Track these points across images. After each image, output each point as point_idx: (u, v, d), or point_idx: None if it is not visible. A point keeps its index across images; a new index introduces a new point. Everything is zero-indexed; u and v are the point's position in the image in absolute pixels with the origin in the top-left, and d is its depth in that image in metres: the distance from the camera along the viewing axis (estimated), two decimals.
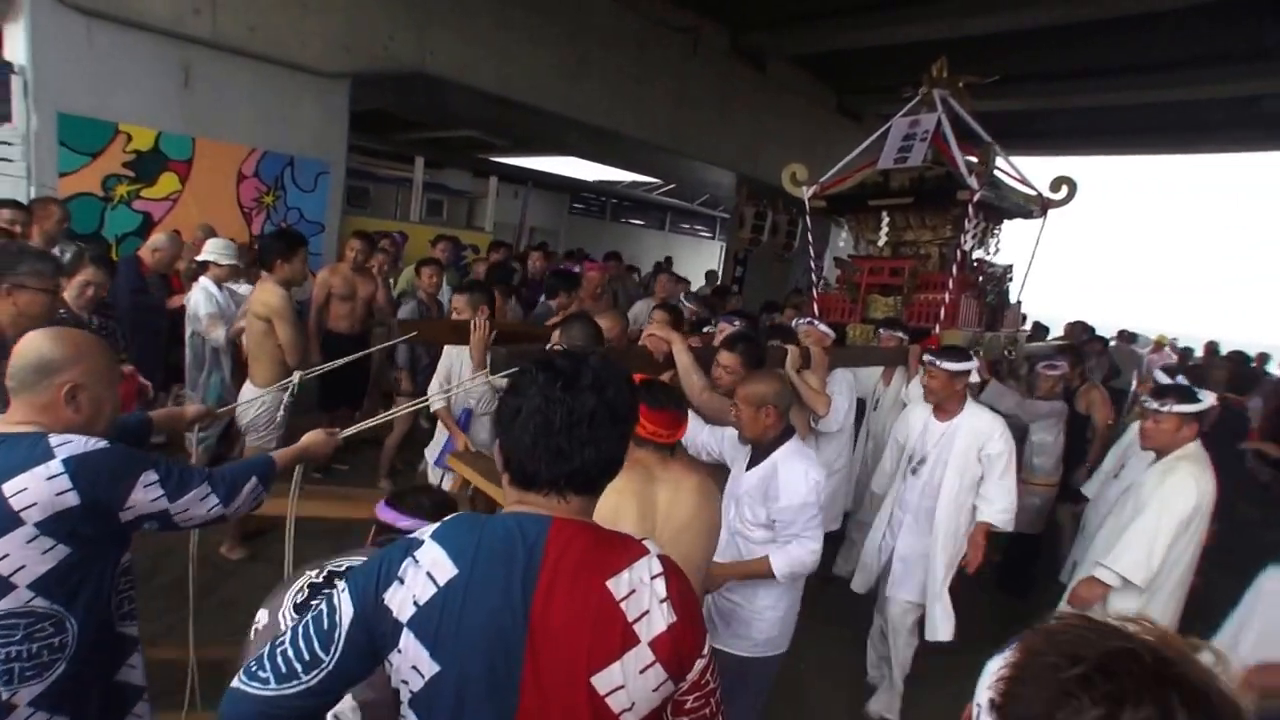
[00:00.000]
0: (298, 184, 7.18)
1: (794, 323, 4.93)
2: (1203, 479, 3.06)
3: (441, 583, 1.20)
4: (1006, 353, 5.68)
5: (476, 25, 8.05)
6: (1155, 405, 3.20)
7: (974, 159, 5.29)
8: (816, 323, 4.67)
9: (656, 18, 10.01)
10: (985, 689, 0.80)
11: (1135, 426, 4.35)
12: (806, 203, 5.84)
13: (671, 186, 18.82)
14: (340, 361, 3.37)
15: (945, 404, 3.56)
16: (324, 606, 1.24)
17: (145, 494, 1.75)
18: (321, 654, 1.19)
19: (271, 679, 1.18)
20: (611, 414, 1.27)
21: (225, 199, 6.71)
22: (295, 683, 1.17)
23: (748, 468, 2.83)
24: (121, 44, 5.91)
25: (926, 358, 3.66)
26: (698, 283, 11.79)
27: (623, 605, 1.21)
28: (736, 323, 4.07)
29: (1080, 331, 8.79)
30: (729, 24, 10.99)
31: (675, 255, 18.37)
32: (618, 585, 1.22)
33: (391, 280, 6.92)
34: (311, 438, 2.35)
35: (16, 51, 5.74)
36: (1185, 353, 11.42)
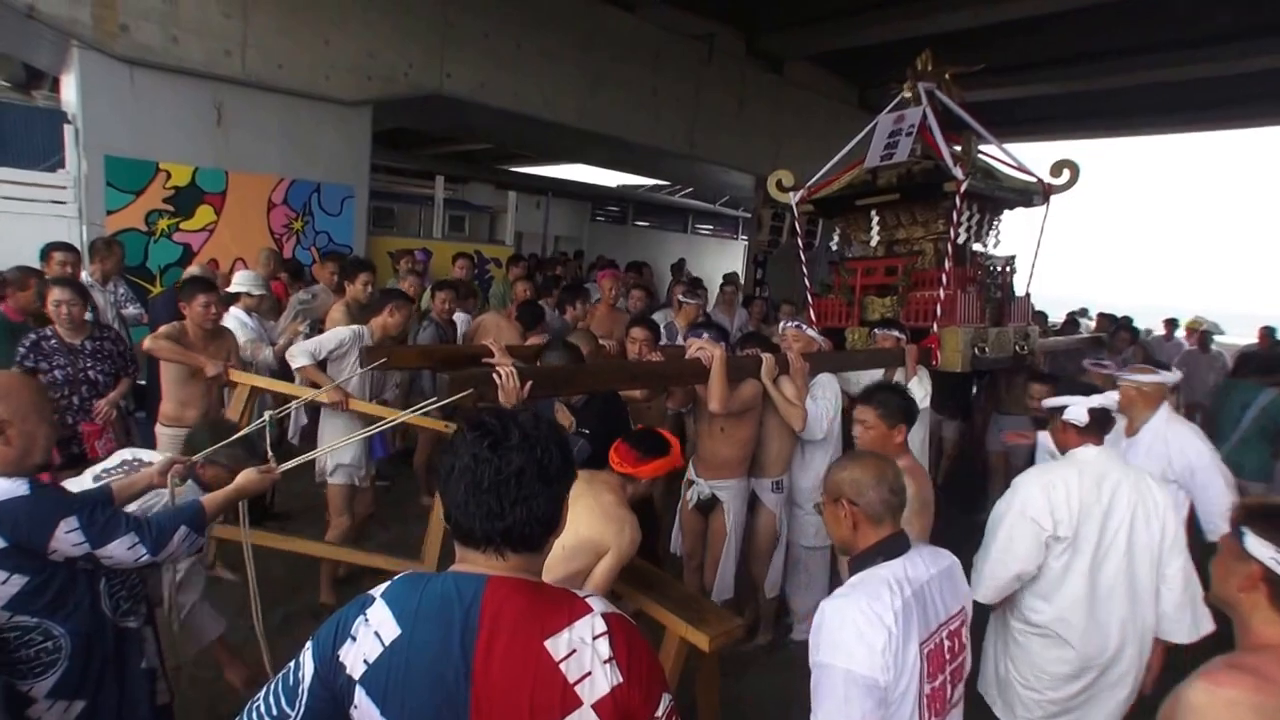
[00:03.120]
0: (324, 209, 7.57)
1: (781, 326, 4.80)
2: None
3: (387, 642, 1.23)
4: (1019, 348, 5.45)
5: (493, 46, 8.35)
6: None
7: (959, 148, 5.17)
8: (805, 327, 4.50)
9: (671, 26, 10.19)
10: None
11: None
12: (795, 208, 5.79)
13: (691, 190, 18.92)
14: (315, 394, 3.78)
15: None
16: (292, 663, 1.31)
17: (67, 539, 1.87)
18: (288, 709, 1.27)
19: None
20: (541, 473, 1.26)
21: (257, 227, 7.13)
22: None
23: None
24: (161, 88, 6.37)
25: None
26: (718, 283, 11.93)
27: (562, 666, 1.20)
28: (705, 335, 3.87)
29: (1108, 323, 8.52)
30: (744, 28, 11.09)
31: (698, 257, 18.41)
32: (556, 646, 1.22)
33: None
34: (245, 477, 2.34)
35: (68, 101, 6.21)
36: (1170, 323, 10.83)
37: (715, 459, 3.82)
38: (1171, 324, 10.72)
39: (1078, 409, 2.76)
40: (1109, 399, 2.82)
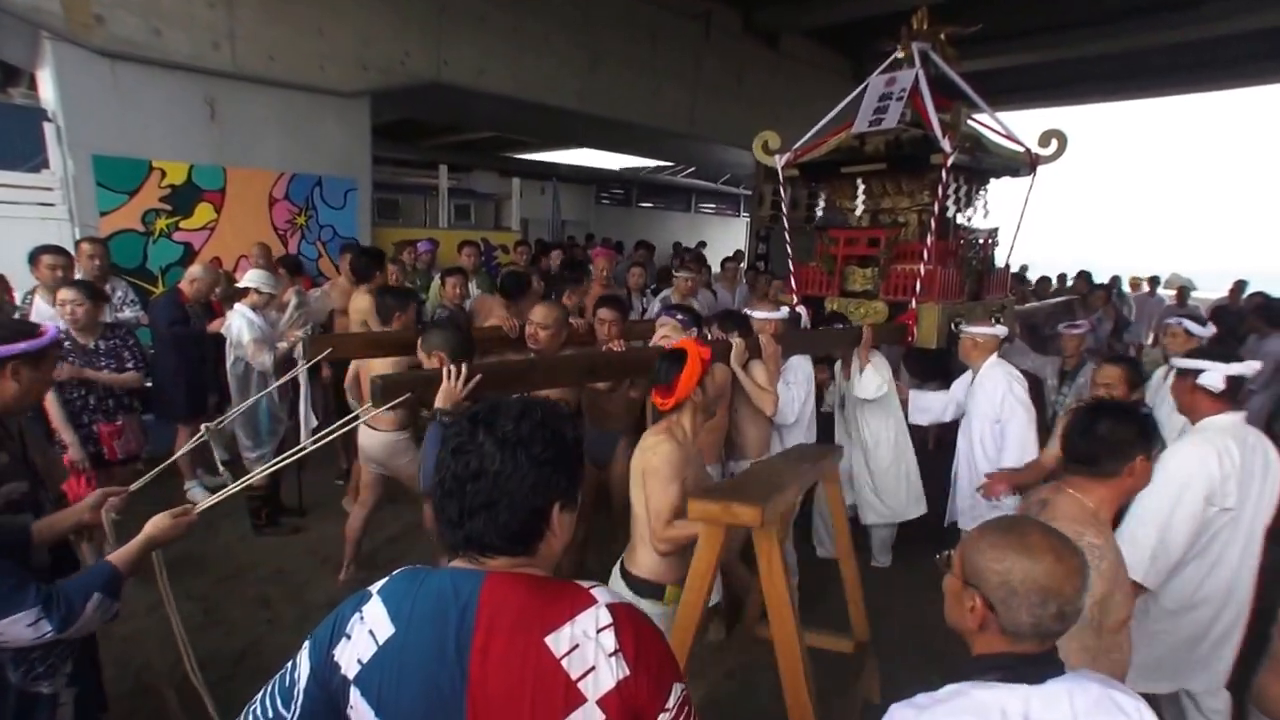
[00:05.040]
0: (327, 202, 7.41)
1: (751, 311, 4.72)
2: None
3: (381, 642, 1.19)
4: (994, 320, 5.27)
5: (489, 32, 8.18)
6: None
7: (948, 117, 4.98)
8: (753, 312, 4.24)
9: (667, 5, 10.02)
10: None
11: (1159, 373, 4.34)
12: (780, 172, 5.59)
13: (693, 169, 18.82)
14: (253, 399, 3.54)
15: None
16: (289, 663, 1.26)
17: None
18: (283, 710, 1.23)
19: None
20: (496, 484, 1.17)
21: (260, 223, 6.95)
22: None
23: None
24: (147, 82, 6.15)
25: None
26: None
27: (564, 663, 1.15)
28: (680, 317, 3.79)
29: (1083, 284, 8.60)
30: (740, 5, 10.96)
31: (702, 235, 18.32)
32: (557, 641, 1.16)
33: (416, 281, 7.10)
34: (155, 525, 2.03)
35: (47, 98, 6.02)
36: (1153, 280, 11.28)
37: None
38: (1154, 281, 11.30)
39: (1214, 374, 2.67)
40: (1249, 367, 2.71)
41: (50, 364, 2.26)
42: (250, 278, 5.16)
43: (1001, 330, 4.21)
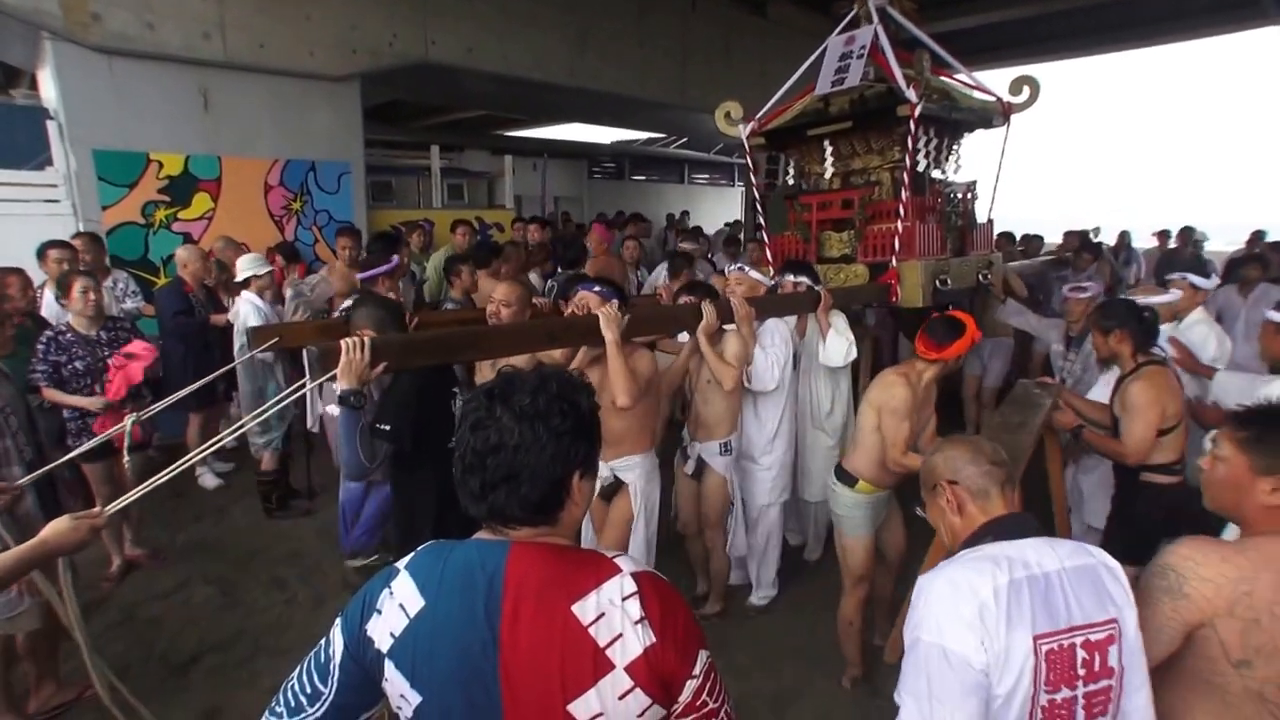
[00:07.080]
0: (322, 187, 7.50)
1: (727, 269, 4.52)
2: None
3: (411, 614, 1.22)
4: (982, 277, 5.26)
5: (476, 10, 8.21)
6: None
7: (912, 70, 4.83)
8: (747, 269, 4.11)
9: None
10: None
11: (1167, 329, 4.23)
12: (745, 141, 5.46)
13: (686, 140, 18.77)
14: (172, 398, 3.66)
15: None
16: (322, 640, 1.31)
17: None
18: (321, 686, 1.26)
19: (285, 713, 1.27)
20: (516, 457, 1.20)
21: (256, 211, 7.06)
22: (303, 715, 1.26)
23: None
24: (142, 76, 6.25)
25: None
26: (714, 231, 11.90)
27: (591, 630, 1.17)
28: (597, 289, 3.29)
29: (1072, 240, 8.55)
30: None
31: (696, 206, 18.35)
32: (584, 609, 1.18)
33: (424, 264, 7.22)
34: (54, 529, 1.87)
35: (48, 97, 6.12)
36: (1162, 234, 11.26)
37: (610, 435, 3.20)
38: (1165, 235, 11.26)
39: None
40: None
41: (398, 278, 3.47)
42: (245, 266, 5.27)
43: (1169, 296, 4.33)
